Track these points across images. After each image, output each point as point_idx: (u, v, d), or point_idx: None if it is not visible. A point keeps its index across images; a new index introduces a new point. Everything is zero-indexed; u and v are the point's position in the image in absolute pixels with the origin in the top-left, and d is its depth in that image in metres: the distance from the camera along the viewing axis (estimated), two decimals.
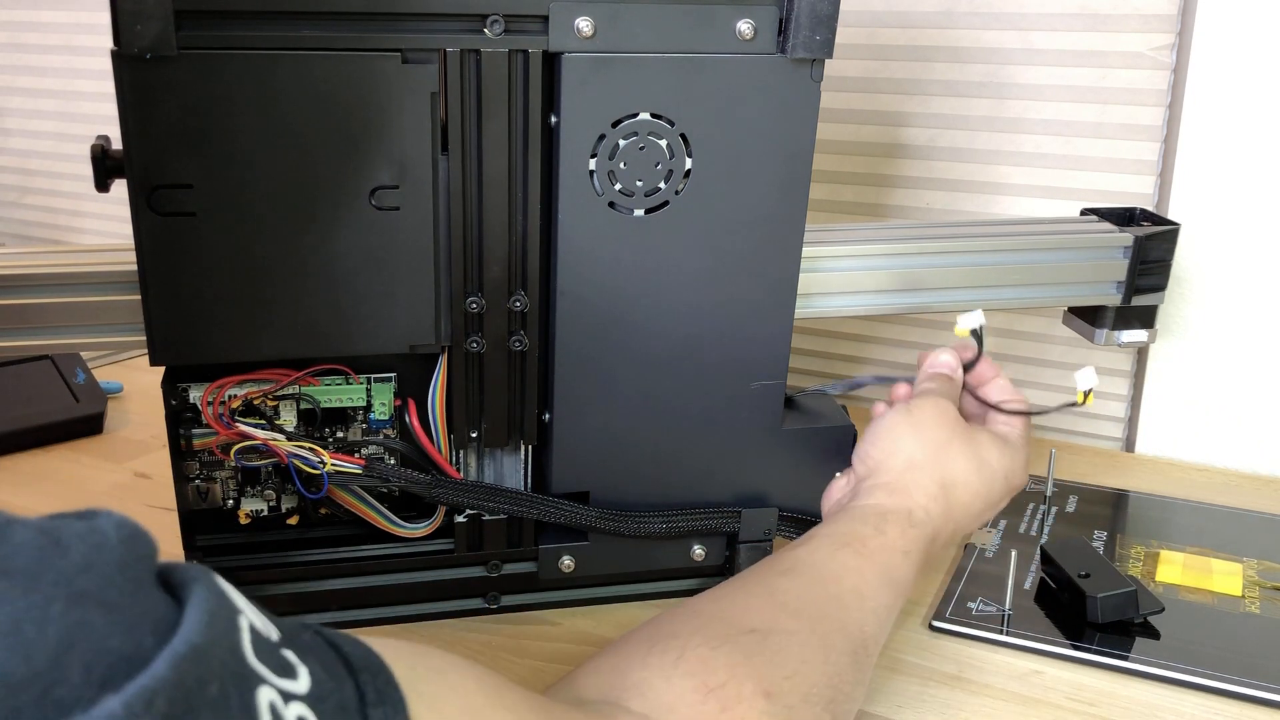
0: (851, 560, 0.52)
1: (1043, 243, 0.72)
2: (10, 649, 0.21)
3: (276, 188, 0.53)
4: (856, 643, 0.49)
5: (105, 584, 0.23)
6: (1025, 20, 0.82)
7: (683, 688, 0.42)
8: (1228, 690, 0.57)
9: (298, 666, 0.28)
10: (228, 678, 0.25)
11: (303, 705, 0.27)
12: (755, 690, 0.43)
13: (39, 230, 1.30)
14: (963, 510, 0.57)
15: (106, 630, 0.23)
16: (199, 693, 0.24)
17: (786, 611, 0.49)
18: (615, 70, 0.54)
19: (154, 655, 0.23)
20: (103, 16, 0.49)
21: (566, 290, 0.58)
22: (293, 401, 0.58)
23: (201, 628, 0.25)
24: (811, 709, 0.45)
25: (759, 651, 0.45)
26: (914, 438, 0.58)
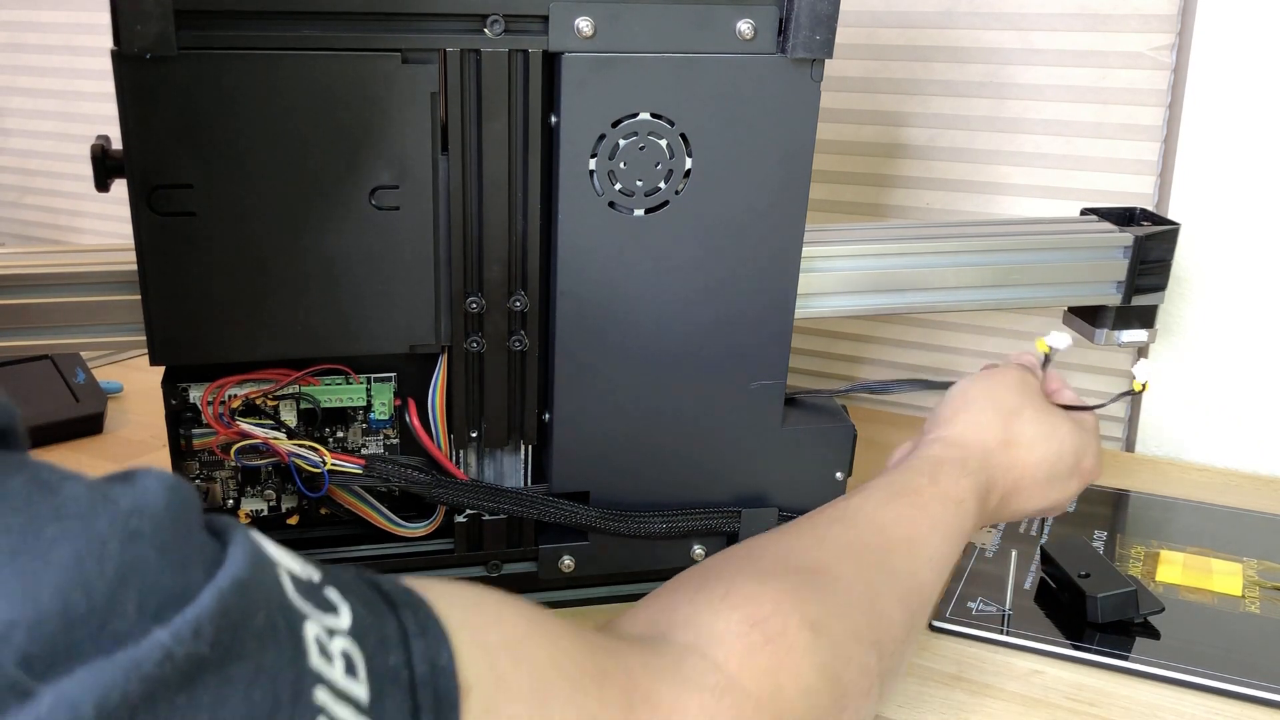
0: (904, 510, 0.52)
1: (1043, 243, 0.72)
2: (73, 584, 0.22)
3: (276, 188, 0.53)
4: (908, 589, 0.49)
5: (156, 526, 0.25)
6: (1025, 20, 0.82)
7: (729, 620, 0.42)
8: (1228, 690, 0.57)
9: (339, 604, 0.29)
10: (274, 610, 0.26)
11: (347, 639, 0.28)
12: (801, 623, 0.43)
13: (39, 230, 1.30)
14: (1024, 473, 0.57)
15: (159, 567, 0.24)
16: (245, 624, 0.25)
17: (835, 555, 0.49)
18: (615, 70, 0.54)
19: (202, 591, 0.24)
20: (103, 16, 0.49)
21: (566, 290, 0.58)
22: (293, 401, 0.58)
23: (244, 564, 0.26)
24: (858, 647, 0.45)
25: (806, 588, 0.45)
26: (986, 398, 0.59)
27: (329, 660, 0.27)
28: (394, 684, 0.28)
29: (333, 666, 0.27)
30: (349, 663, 0.28)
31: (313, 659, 0.26)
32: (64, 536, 0.23)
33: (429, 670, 0.30)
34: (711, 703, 0.39)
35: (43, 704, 0.21)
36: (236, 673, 0.24)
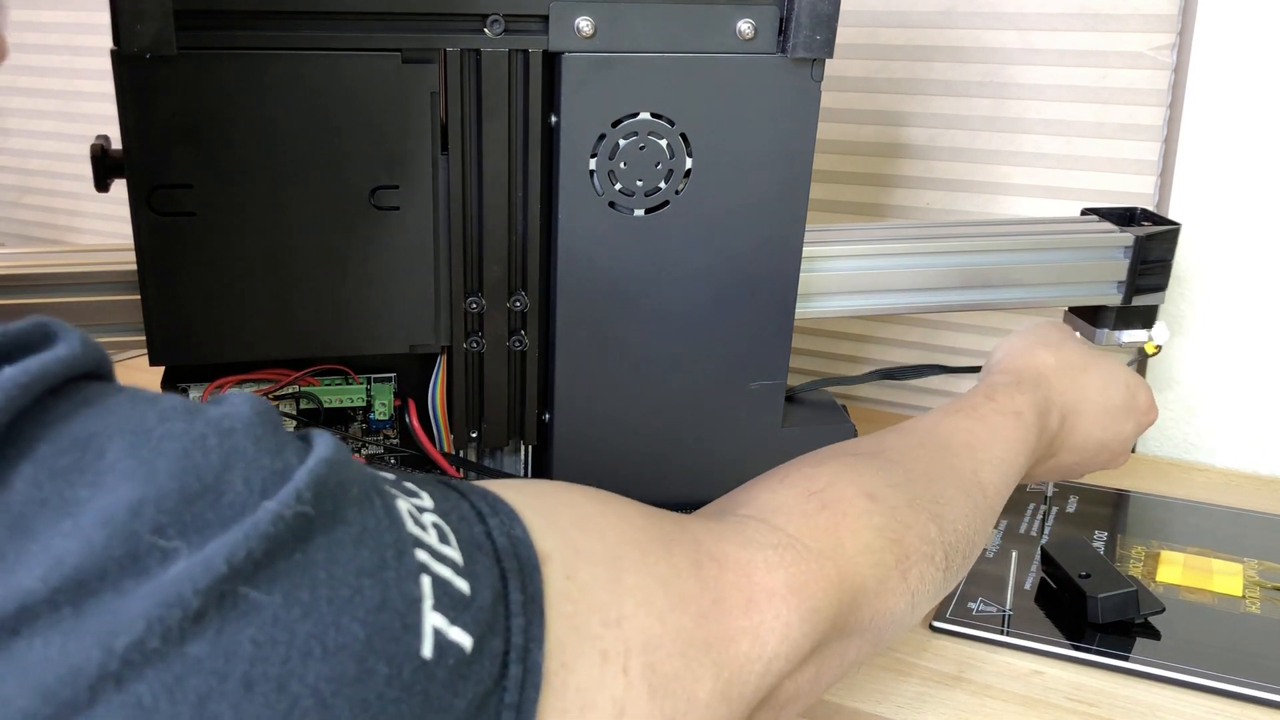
0: (961, 421, 0.54)
1: (1043, 243, 0.72)
2: (185, 469, 0.26)
3: (276, 187, 0.53)
4: (969, 482, 0.50)
5: (247, 425, 0.28)
6: (1025, 20, 0.82)
7: (787, 494, 0.45)
8: (1228, 690, 0.57)
9: (419, 490, 0.32)
10: (366, 485, 0.29)
11: (433, 515, 0.31)
12: (857, 492, 0.45)
13: (39, 230, 1.30)
14: (1081, 395, 0.59)
15: (256, 453, 0.27)
16: (342, 494, 0.28)
17: (893, 449, 0.51)
18: (615, 70, 0.54)
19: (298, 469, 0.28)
20: (103, 16, 0.49)
21: (566, 290, 0.58)
22: (292, 401, 0.58)
23: (331, 448, 0.29)
24: (917, 515, 0.46)
25: (863, 465, 0.48)
26: (1031, 337, 0.62)
27: (423, 529, 0.30)
28: (480, 550, 0.31)
29: (427, 533, 0.30)
30: (440, 532, 0.31)
31: (409, 525, 0.30)
32: (170, 435, 0.27)
33: (508, 541, 0.32)
34: (775, 558, 0.41)
35: (181, 563, 0.25)
36: (344, 534, 0.28)
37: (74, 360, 0.28)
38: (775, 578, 0.40)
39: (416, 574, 0.29)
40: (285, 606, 0.26)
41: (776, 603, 0.39)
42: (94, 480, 0.26)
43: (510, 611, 0.31)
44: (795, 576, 0.40)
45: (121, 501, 0.25)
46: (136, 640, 0.24)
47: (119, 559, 0.24)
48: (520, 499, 0.35)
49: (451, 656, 0.28)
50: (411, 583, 0.28)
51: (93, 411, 0.27)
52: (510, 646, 0.30)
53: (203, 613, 0.24)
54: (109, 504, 0.25)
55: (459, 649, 0.29)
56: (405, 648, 0.27)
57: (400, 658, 0.27)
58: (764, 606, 0.39)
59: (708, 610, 0.37)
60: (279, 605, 0.25)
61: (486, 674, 0.29)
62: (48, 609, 0.24)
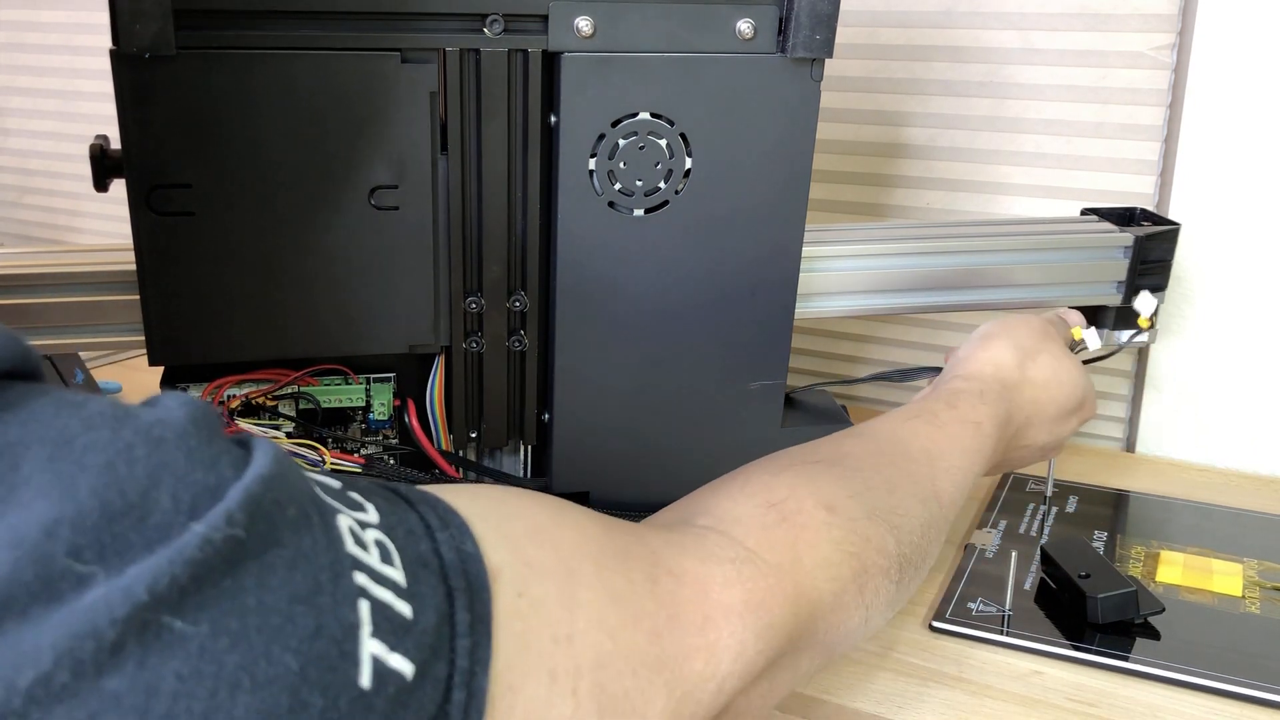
0: (922, 427, 0.54)
1: (1043, 243, 0.72)
2: (108, 484, 0.24)
3: (275, 187, 0.53)
4: (926, 494, 0.50)
5: (179, 434, 0.26)
6: (1025, 20, 0.82)
7: (747, 505, 0.44)
8: (1228, 691, 0.57)
9: (364, 502, 0.31)
10: (305, 503, 0.28)
11: (378, 532, 0.30)
12: (816, 504, 0.45)
13: (38, 230, 1.30)
14: (1038, 410, 0.60)
15: (188, 467, 0.26)
16: (278, 514, 0.27)
17: (853, 456, 0.50)
18: (615, 70, 0.54)
19: (232, 486, 0.26)
20: (103, 16, 0.49)
21: (566, 290, 0.58)
22: (292, 401, 0.58)
23: (269, 462, 0.27)
24: (875, 527, 0.46)
25: (822, 475, 0.47)
26: (1006, 337, 0.62)
27: (364, 548, 0.29)
28: (426, 569, 0.30)
29: (369, 553, 0.29)
30: (384, 551, 0.29)
31: (349, 546, 0.28)
32: (94, 445, 0.25)
33: (457, 557, 0.31)
34: (733, 573, 0.40)
35: (98, 590, 0.23)
36: (276, 559, 0.26)
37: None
38: (732, 594, 0.39)
39: (354, 598, 0.27)
40: (212, 636, 0.24)
41: (733, 620, 0.39)
42: (5, 495, 0.24)
43: (456, 633, 0.30)
44: (753, 593, 0.40)
45: (35, 520, 0.23)
46: (43, 675, 0.22)
47: (29, 584, 0.23)
48: (473, 508, 0.33)
49: (391, 685, 0.27)
50: (348, 608, 0.27)
51: (10, 418, 0.25)
52: (455, 670, 0.29)
53: (120, 644, 0.23)
54: (21, 522, 0.23)
55: (399, 676, 0.27)
56: (342, 677, 0.26)
57: (336, 688, 0.26)
58: (720, 624, 0.38)
59: (662, 627, 0.36)
60: (205, 635, 0.24)
61: (429, 700, 0.28)
62: None
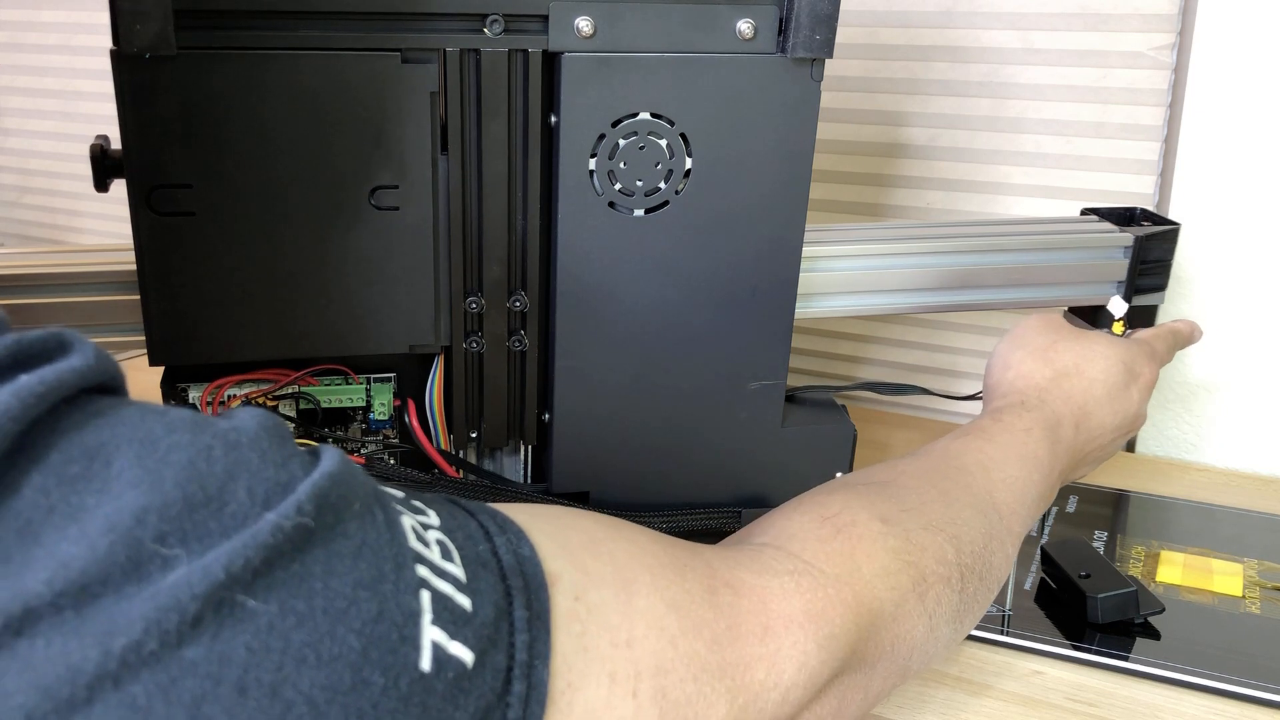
0: (973, 442, 0.54)
1: (1043, 243, 0.72)
2: (190, 479, 0.27)
3: (276, 187, 0.53)
4: (985, 504, 0.50)
5: (253, 439, 0.28)
6: (1025, 20, 0.82)
7: (801, 521, 0.45)
8: (1228, 690, 0.57)
9: (426, 509, 0.33)
10: (370, 500, 0.30)
11: (438, 532, 0.32)
12: (870, 516, 0.45)
13: (38, 230, 1.30)
14: (1085, 396, 0.59)
15: (261, 465, 0.28)
16: (344, 507, 0.29)
17: (905, 474, 0.50)
18: (615, 70, 0.54)
19: (301, 482, 0.28)
20: (103, 16, 0.49)
21: (566, 290, 0.58)
22: (292, 401, 0.58)
23: (337, 463, 0.29)
24: (932, 536, 0.46)
25: (876, 493, 0.48)
26: (1020, 349, 0.61)
27: (426, 545, 0.30)
28: (484, 568, 0.32)
29: (430, 550, 0.30)
30: (444, 549, 0.31)
31: (411, 541, 0.30)
32: (177, 445, 0.27)
33: (514, 559, 0.33)
34: (791, 584, 0.40)
35: (181, 570, 0.25)
36: (342, 547, 0.28)
37: (88, 372, 0.28)
38: (792, 604, 0.40)
39: (416, 588, 0.29)
40: (281, 615, 0.26)
41: (794, 629, 0.39)
42: (101, 488, 0.26)
43: (515, 627, 0.31)
44: (812, 603, 0.40)
45: (127, 509, 0.26)
46: (134, 642, 0.24)
47: (121, 564, 0.25)
48: (529, 520, 0.35)
49: (451, 670, 0.29)
50: (410, 596, 0.29)
51: (103, 422, 0.27)
52: (514, 662, 0.31)
53: (199, 618, 0.25)
54: (114, 511, 0.26)
55: (459, 663, 0.29)
56: (402, 659, 0.28)
57: (397, 669, 0.27)
58: (781, 633, 0.39)
59: (722, 636, 0.37)
60: (274, 613, 0.26)
61: (489, 689, 0.30)
62: (51, 611, 0.24)
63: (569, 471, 0.61)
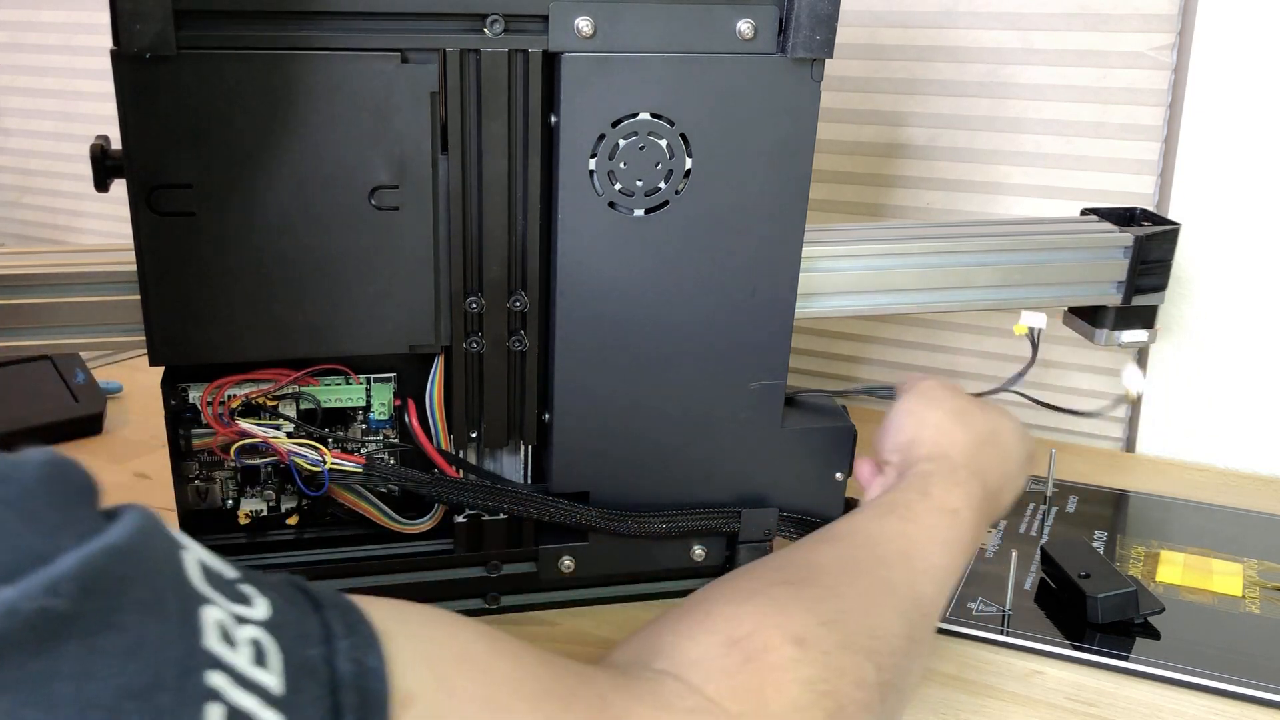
0: (896, 525, 0.50)
1: (1043, 243, 0.72)
2: None
3: (276, 187, 0.53)
4: (906, 602, 0.46)
5: (23, 494, 0.23)
6: (1025, 20, 0.82)
7: (707, 644, 0.40)
8: (1228, 690, 0.57)
9: (255, 597, 0.27)
10: (163, 586, 0.24)
11: (259, 629, 0.26)
12: (784, 639, 0.41)
13: (39, 230, 1.30)
14: (1005, 466, 0.57)
15: (19, 529, 0.23)
16: (121, 593, 0.23)
17: (824, 570, 0.46)
18: (615, 70, 0.54)
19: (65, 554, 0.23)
20: (103, 16, 0.49)
21: (566, 290, 0.58)
22: (292, 401, 0.58)
23: (126, 535, 0.24)
24: (851, 658, 0.42)
25: (791, 602, 0.43)
26: (934, 409, 0.58)
27: (232, 646, 0.25)
28: (311, 678, 0.26)
29: (236, 653, 0.25)
30: (259, 651, 0.26)
31: (208, 640, 0.25)
32: None
33: (354, 670, 0.27)
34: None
35: None
36: (108, 643, 0.23)
37: None
38: None
39: (200, 701, 0.24)
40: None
41: None
42: None
43: None
44: None
45: None
46: None
47: None
48: (394, 623, 0.30)
49: None
50: (192, 711, 0.23)
51: None
52: None
53: None
54: None
55: None
56: None
57: None
58: None
59: None
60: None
61: None
62: None
63: (569, 471, 0.61)
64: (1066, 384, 0.89)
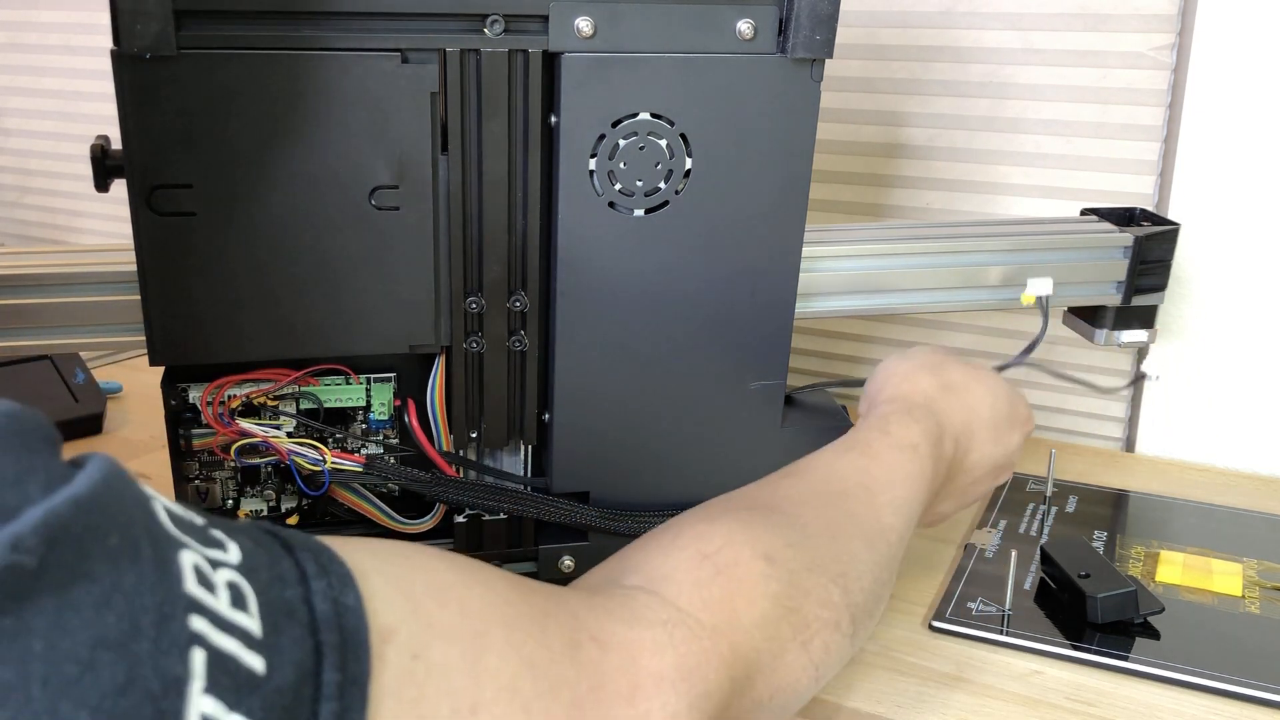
0: (856, 460, 0.52)
1: (1043, 243, 0.72)
2: None
3: (276, 187, 0.53)
4: (871, 530, 0.47)
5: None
6: (1025, 20, 0.82)
7: (679, 558, 0.42)
8: (1228, 690, 0.57)
9: (226, 541, 0.27)
10: (136, 532, 0.24)
11: (233, 572, 0.26)
12: (753, 554, 0.42)
13: (39, 230, 1.30)
14: (970, 415, 0.57)
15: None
16: (91, 543, 0.23)
17: (789, 500, 0.48)
18: (615, 70, 0.54)
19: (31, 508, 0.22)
20: (103, 16, 0.49)
21: (566, 290, 0.58)
22: (292, 401, 0.58)
23: (91, 485, 0.23)
24: (817, 578, 0.43)
25: (759, 523, 0.44)
26: (907, 363, 0.60)
27: (211, 590, 0.25)
28: (290, 619, 0.26)
29: (216, 596, 0.25)
30: (236, 594, 0.25)
31: (187, 585, 0.24)
32: None
33: (331, 609, 0.27)
34: (664, 636, 0.37)
35: None
36: (81, 595, 0.22)
37: None
38: (664, 660, 0.36)
39: (185, 646, 0.23)
40: None
41: (665, 689, 0.36)
42: None
43: (321, 695, 0.26)
44: (686, 658, 0.37)
45: None
46: None
47: None
48: (365, 561, 0.30)
49: None
50: (175, 657, 0.23)
51: None
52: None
53: None
54: None
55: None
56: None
57: None
58: (651, 694, 0.35)
59: (584, 698, 0.33)
60: None
61: None
62: None
63: (569, 471, 0.61)
64: (1066, 385, 0.89)
